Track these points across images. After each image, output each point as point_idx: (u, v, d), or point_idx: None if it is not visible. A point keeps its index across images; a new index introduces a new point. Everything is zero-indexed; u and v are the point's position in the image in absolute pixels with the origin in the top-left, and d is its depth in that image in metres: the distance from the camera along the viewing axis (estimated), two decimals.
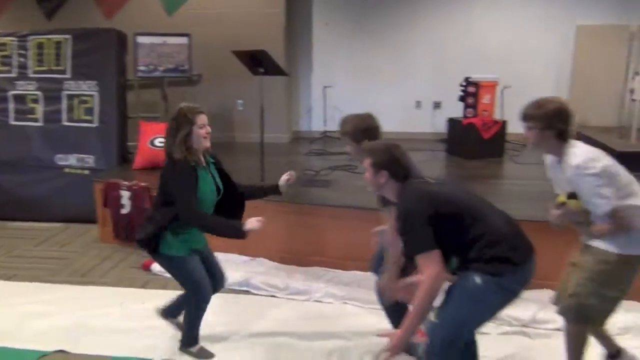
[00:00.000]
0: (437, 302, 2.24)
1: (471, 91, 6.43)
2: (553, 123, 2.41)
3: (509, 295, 2.23)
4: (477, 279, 2.17)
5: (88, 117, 5.59)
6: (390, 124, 7.26)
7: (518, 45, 7.14)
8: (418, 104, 7.58)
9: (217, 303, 3.69)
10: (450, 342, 2.24)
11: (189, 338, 3.09)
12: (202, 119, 2.80)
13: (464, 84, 6.57)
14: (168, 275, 4.17)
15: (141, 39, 6.38)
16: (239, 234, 2.66)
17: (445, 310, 2.24)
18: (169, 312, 3.21)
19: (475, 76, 6.50)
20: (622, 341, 3.24)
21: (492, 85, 6.46)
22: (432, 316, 2.24)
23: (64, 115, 5.60)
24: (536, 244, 2.55)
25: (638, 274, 2.52)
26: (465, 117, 6.44)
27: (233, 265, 4.26)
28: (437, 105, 7.50)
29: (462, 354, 2.39)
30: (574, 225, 2.52)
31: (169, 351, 3.13)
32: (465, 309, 2.21)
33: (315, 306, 3.76)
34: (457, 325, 2.24)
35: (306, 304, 3.78)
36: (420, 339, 2.23)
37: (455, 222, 2.20)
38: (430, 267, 2.14)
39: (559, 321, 3.39)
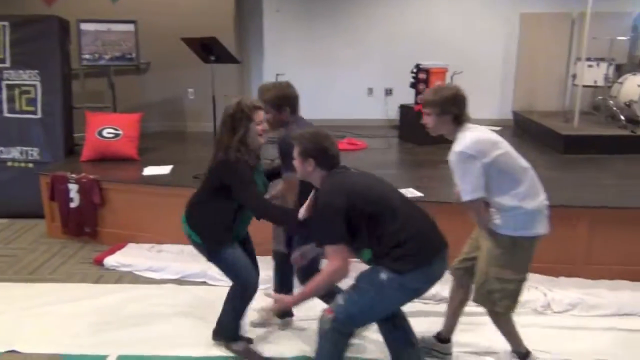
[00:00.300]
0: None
1: (422, 78, 6.51)
2: (448, 108, 2.52)
3: (411, 293, 2.36)
4: (383, 275, 2.27)
5: (30, 108, 5.35)
6: (342, 111, 7.39)
7: (466, 33, 7.26)
8: (370, 91, 7.62)
9: (173, 296, 3.66)
10: (349, 324, 2.36)
11: (231, 333, 2.96)
12: (260, 115, 2.67)
13: (415, 70, 6.65)
14: (123, 269, 4.12)
15: (85, 26, 6.13)
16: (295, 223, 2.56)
17: (351, 295, 2.36)
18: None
19: (426, 63, 6.58)
20: (569, 317, 3.41)
21: (442, 72, 6.56)
22: (339, 298, 2.36)
23: (5, 106, 5.33)
24: None
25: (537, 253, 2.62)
26: (416, 103, 6.52)
27: (189, 257, 4.19)
28: (388, 92, 7.56)
29: (391, 332, 2.56)
30: None
31: (123, 347, 3.06)
32: (368, 299, 2.32)
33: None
34: (358, 311, 2.34)
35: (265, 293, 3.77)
36: (328, 315, 2.35)
37: (370, 217, 2.27)
38: (335, 260, 2.24)
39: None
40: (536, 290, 3.58)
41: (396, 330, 2.57)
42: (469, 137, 2.48)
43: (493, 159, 2.45)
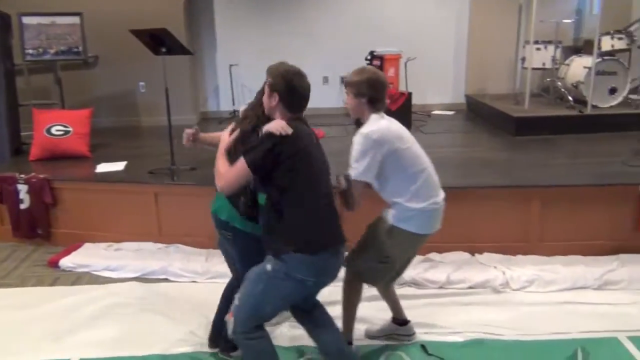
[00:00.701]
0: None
1: (376, 64, 6.54)
2: (365, 91, 2.54)
3: (300, 285, 2.30)
4: (268, 266, 2.29)
5: None
6: None
7: (419, 19, 7.30)
8: (325, 80, 7.61)
9: (134, 294, 3.58)
10: (248, 321, 2.34)
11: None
12: None
13: (369, 57, 6.68)
14: (79, 270, 4.01)
15: (27, 20, 5.88)
16: None
17: (244, 292, 2.35)
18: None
19: (380, 49, 6.62)
20: (525, 294, 3.51)
21: (396, 58, 6.61)
22: (235, 299, 2.37)
23: None
24: None
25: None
26: None
27: (148, 254, 4.13)
28: (344, 79, 7.56)
29: (309, 320, 2.57)
30: None
31: (85, 349, 2.98)
32: (258, 292, 2.31)
33: None
34: (253, 306, 2.32)
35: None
36: (229, 318, 2.36)
37: (290, 181, 2.24)
38: (235, 171, 2.25)
39: (473, 280, 3.62)
40: (495, 269, 3.67)
41: (311, 322, 2.57)
42: (380, 124, 2.51)
43: (394, 150, 2.48)
